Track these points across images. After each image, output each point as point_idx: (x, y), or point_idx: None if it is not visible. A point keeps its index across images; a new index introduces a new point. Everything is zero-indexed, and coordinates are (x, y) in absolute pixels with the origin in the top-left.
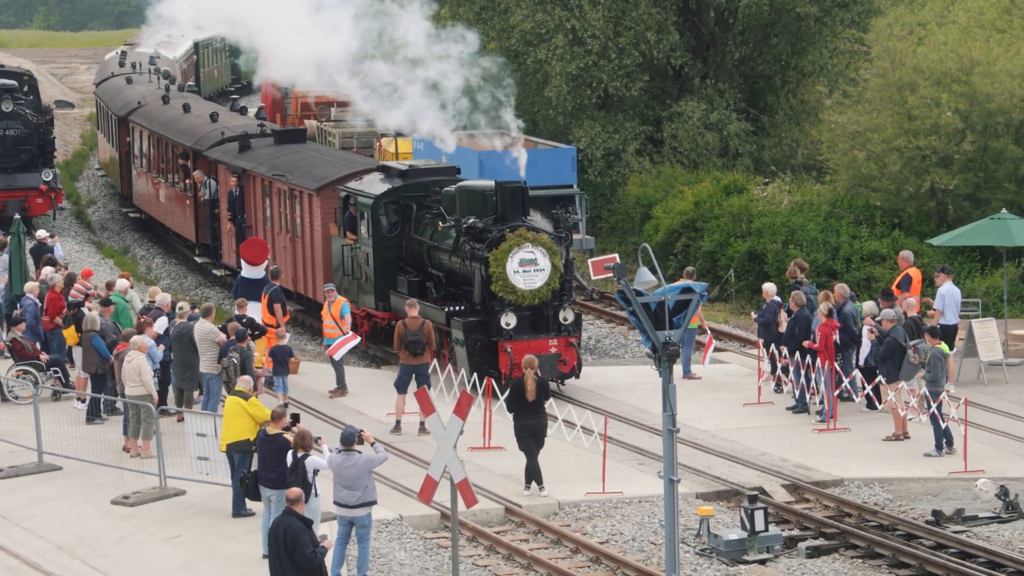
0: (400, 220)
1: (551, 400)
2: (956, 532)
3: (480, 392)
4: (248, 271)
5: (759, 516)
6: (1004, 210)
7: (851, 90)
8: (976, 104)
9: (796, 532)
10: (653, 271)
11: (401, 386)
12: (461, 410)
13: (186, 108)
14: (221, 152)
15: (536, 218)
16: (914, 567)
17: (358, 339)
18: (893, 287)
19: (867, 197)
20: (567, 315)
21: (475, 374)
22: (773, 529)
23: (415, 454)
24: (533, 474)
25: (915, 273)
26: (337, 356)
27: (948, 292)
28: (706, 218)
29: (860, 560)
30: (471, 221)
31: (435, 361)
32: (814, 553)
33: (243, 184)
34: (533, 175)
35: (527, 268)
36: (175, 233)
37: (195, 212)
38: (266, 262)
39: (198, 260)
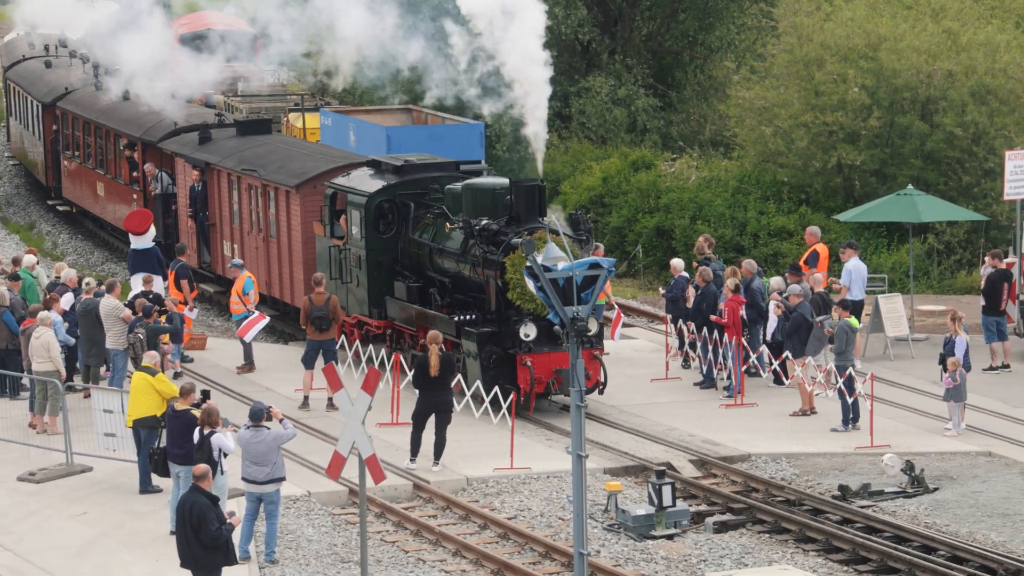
0: (396, 220)
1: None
2: (862, 507)
3: (388, 367)
4: (136, 242)
5: (667, 491)
6: (910, 186)
7: (758, 66)
8: (883, 80)
9: (704, 507)
10: (560, 247)
11: (308, 362)
12: (369, 386)
13: (125, 95)
14: (178, 144)
15: (552, 219)
16: (820, 542)
17: (267, 319)
18: (800, 263)
19: (774, 173)
20: (590, 326)
21: (493, 390)
22: (681, 504)
23: (323, 430)
24: (419, 446)
25: (822, 249)
26: (247, 338)
27: (855, 268)
28: (614, 194)
29: (767, 535)
30: (484, 222)
31: (343, 337)
32: (721, 528)
33: (206, 179)
34: (440, 150)
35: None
36: (112, 228)
37: (144, 207)
38: (151, 230)
39: None
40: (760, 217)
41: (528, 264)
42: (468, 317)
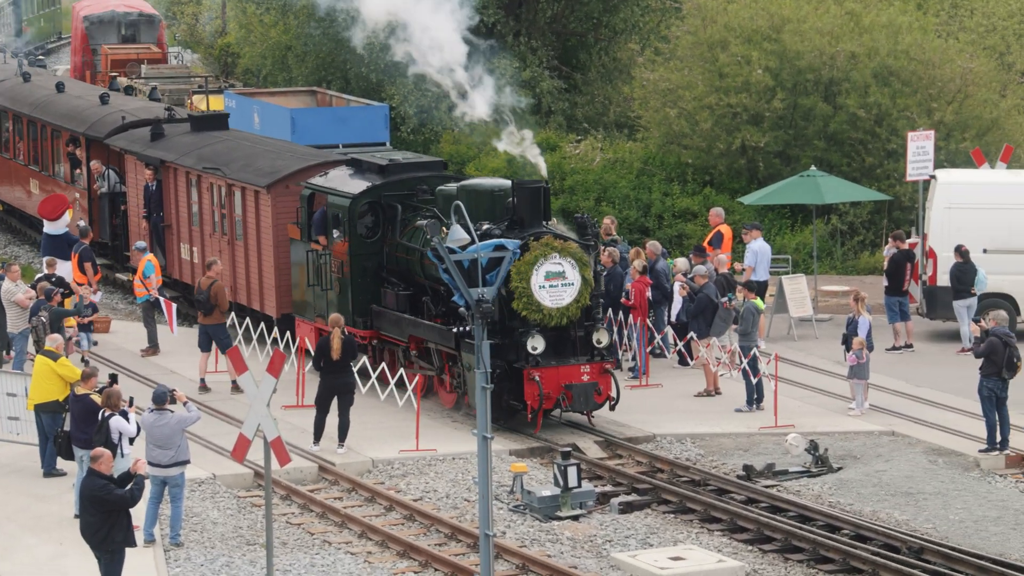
0: (382, 223)
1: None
2: (767, 487)
3: (293, 350)
4: (49, 227)
5: (572, 472)
6: (813, 167)
7: (663, 48)
8: (786, 62)
9: (609, 488)
10: (466, 228)
11: (201, 345)
12: (274, 368)
13: (60, 88)
14: (127, 140)
15: (554, 222)
16: (725, 521)
17: (174, 306)
18: (705, 244)
19: (679, 154)
20: (601, 337)
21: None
22: (586, 485)
23: (228, 413)
24: (323, 428)
25: (726, 230)
26: (175, 331)
27: (759, 249)
28: (519, 175)
29: (672, 515)
30: (485, 227)
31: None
32: (627, 508)
33: (161, 177)
34: (345, 133)
35: (554, 282)
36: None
37: (88, 207)
38: (66, 215)
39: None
40: (664, 199)
41: (433, 246)
42: (467, 328)
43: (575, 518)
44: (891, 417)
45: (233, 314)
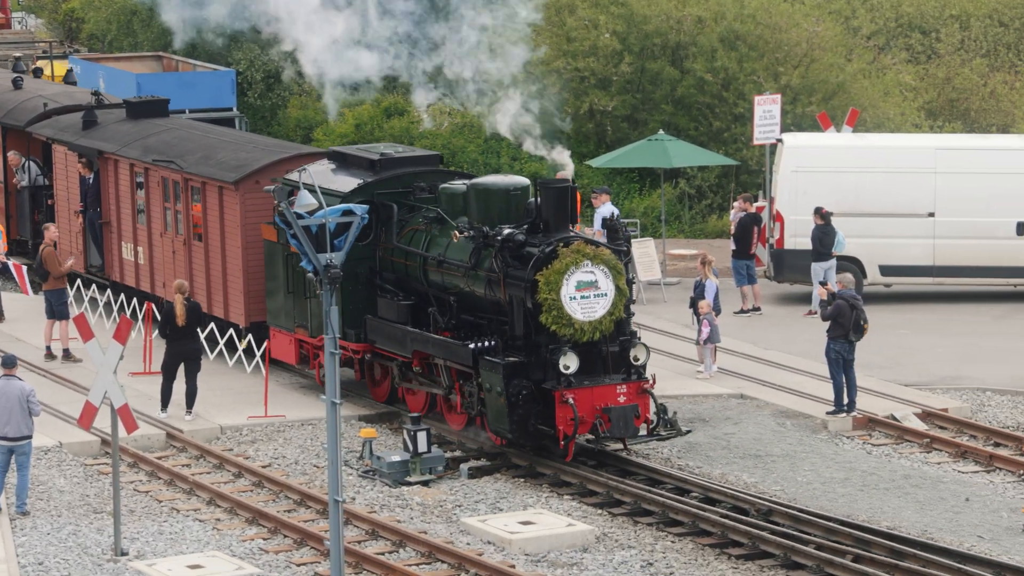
0: (375, 225)
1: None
2: (615, 451)
3: (140, 317)
4: None
5: (422, 438)
6: (661, 131)
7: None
8: (633, 26)
9: (458, 453)
10: (313, 193)
11: (47, 312)
12: (120, 335)
13: None
14: (54, 129)
15: (579, 225)
16: (575, 486)
17: (24, 267)
18: None
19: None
20: (639, 354)
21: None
22: (436, 450)
23: (75, 380)
24: (170, 396)
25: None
26: (29, 293)
27: (607, 213)
28: (367, 140)
29: (522, 479)
30: (507, 231)
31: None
32: (476, 474)
33: (99, 170)
34: (191, 98)
35: (586, 293)
36: None
37: (6, 203)
38: None
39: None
40: (513, 163)
41: (280, 211)
42: (487, 344)
43: (425, 483)
44: (740, 380)
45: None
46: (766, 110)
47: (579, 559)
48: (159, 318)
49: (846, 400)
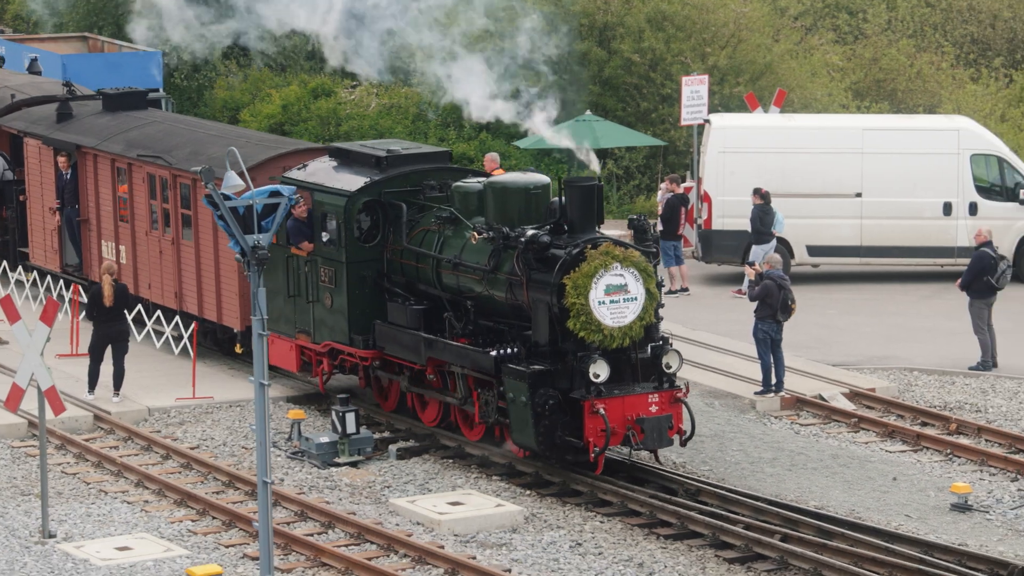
0: (382, 225)
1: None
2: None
3: (68, 298)
4: None
5: (350, 419)
6: (588, 112)
7: None
8: (561, 7)
9: (387, 434)
10: (241, 175)
11: None
12: (47, 317)
13: None
14: (26, 121)
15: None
16: (504, 466)
17: None
18: None
19: (454, 99)
20: (671, 361)
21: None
22: (364, 431)
23: (1, 362)
24: (97, 377)
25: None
26: None
27: None
28: (294, 121)
29: (451, 460)
30: (531, 233)
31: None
32: (404, 455)
33: (76, 164)
34: (117, 79)
35: (615, 297)
36: None
37: None
38: None
39: None
40: (441, 144)
41: (208, 192)
42: (510, 351)
43: (353, 464)
44: None
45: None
46: (693, 91)
47: (508, 539)
48: (86, 300)
49: (774, 380)
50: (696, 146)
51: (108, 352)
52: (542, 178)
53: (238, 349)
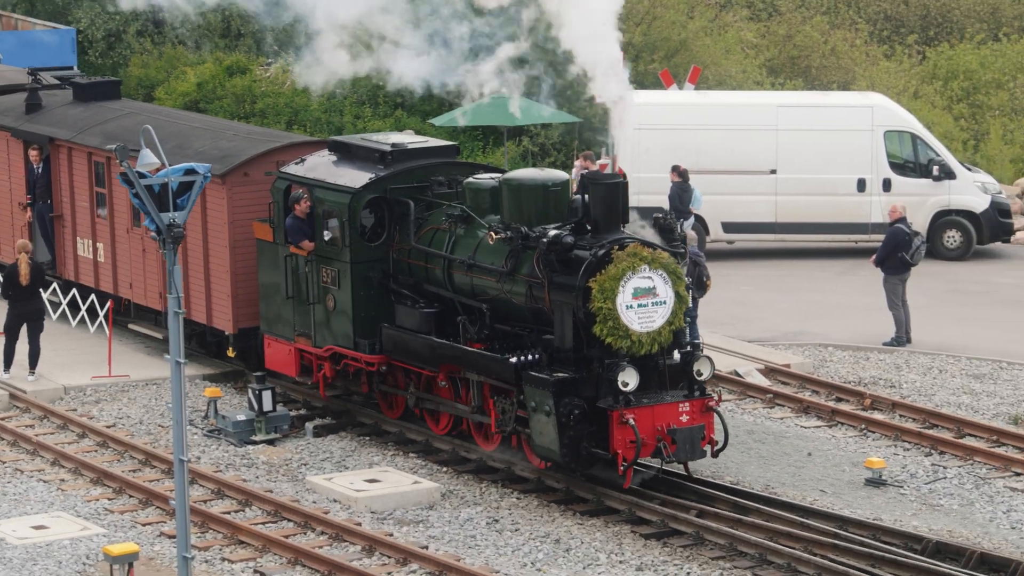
0: (388, 223)
1: (54, 285)
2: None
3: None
4: None
5: (267, 397)
6: (504, 89)
7: None
8: None
9: (304, 412)
10: (156, 153)
11: None
12: None
13: None
14: None
15: (636, 225)
16: (420, 443)
17: None
18: None
19: (370, 77)
20: (702, 368)
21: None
22: (281, 409)
23: None
24: (12, 356)
25: None
26: None
27: None
28: (209, 99)
29: (368, 438)
30: (554, 233)
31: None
32: (321, 432)
33: (48, 158)
34: (30, 57)
35: (643, 301)
36: None
37: None
38: None
39: None
40: (356, 121)
41: (123, 171)
42: (530, 357)
43: (270, 442)
44: None
45: None
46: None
47: (425, 516)
48: (1, 279)
49: None
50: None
51: (24, 331)
52: (560, 174)
53: (231, 353)
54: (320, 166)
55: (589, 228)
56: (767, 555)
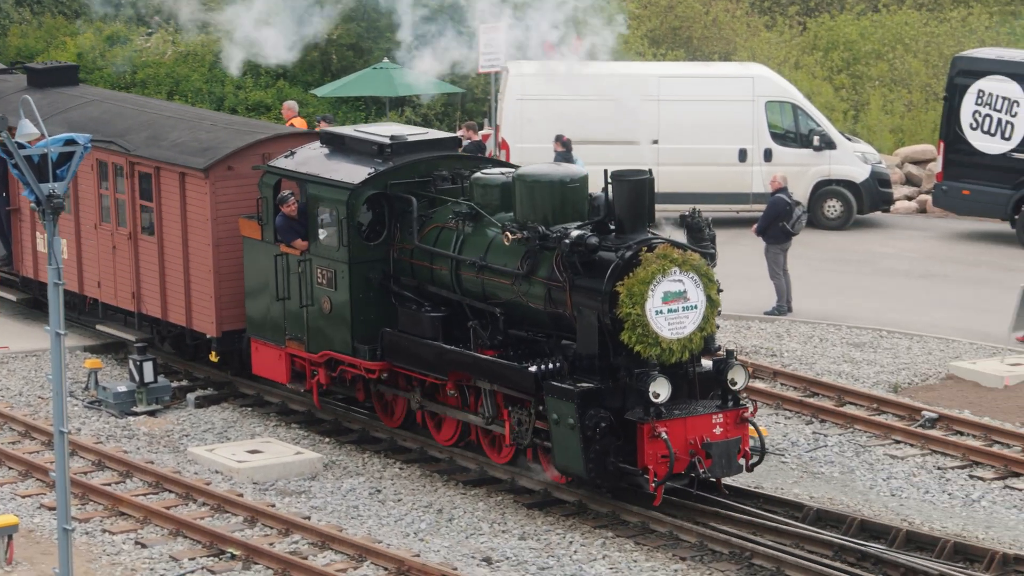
0: (388, 221)
1: None
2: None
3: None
4: None
5: (148, 368)
6: (386, 60)
7: None
8: None
9: (185, 383)
10: (35, 122)
11: None
12: None
13: None
14: None
15: (664, 224)
16: (303, 413)
17: None
18: None
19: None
20: (737, 376)
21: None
22: (162, 380)
23: None
24: None
25: (300, 123)
26: None
27: None
28: (89, 69)
29: (249, 409)
30: (577, 233)
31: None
32: (203, 403)
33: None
34: None
35: (673, 306)
36: None
37: None
38: None
39: None
40: (238, 92)
41: (2, 142)
42: (551, 366)
43: (151, 413)
44: None
45: None
46: (491, 38)
47: (307, 487)
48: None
49: None
50: (494, 93)
51: None
52: (579, 169)
53: (213, 357)
54: (313, 160)
55: (612, 227)
56: (649, 524)
